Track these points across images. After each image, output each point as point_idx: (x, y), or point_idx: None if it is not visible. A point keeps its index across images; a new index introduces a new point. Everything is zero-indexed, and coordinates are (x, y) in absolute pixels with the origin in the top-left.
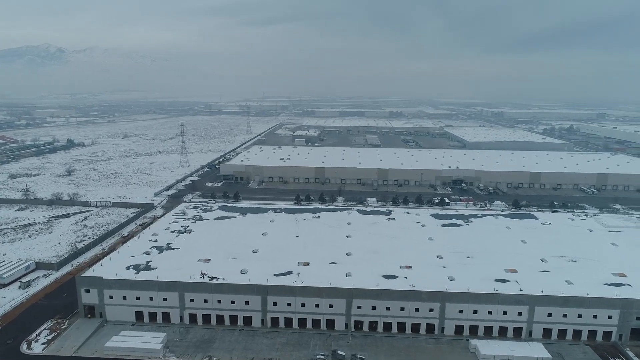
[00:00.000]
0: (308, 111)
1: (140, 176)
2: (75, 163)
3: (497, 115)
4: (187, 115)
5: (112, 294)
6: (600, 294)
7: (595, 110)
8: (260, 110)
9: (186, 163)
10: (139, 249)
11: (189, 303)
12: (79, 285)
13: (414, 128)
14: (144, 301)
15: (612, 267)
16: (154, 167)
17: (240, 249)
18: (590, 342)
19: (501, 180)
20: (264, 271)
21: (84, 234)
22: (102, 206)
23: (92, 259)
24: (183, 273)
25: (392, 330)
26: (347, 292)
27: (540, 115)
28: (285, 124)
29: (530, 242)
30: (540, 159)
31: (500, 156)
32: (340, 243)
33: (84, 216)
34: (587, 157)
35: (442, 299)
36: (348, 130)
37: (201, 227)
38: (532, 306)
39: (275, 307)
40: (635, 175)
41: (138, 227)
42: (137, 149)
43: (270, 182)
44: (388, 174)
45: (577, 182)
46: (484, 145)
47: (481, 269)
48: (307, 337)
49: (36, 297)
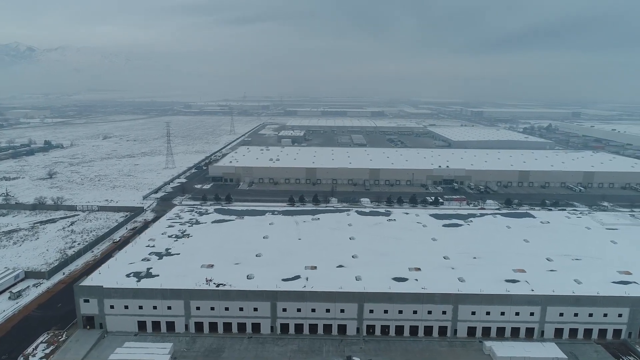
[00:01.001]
0: (290, 111)
1: (125, 179)
2: (55, 165)
3: (477, 115)
4: (167, 116)
5: (113, 303)
6: (610, 293)
7: (570, 109)
8: (242, 110)
9: (172, 164)
10: (137, 255)
11: (194, 311)
12: (77, 295)
13: (398, 127)
14: (147, 310)
15: (617, 265)
16: (139, 169)
17: (243, 254)
18: (601, 341)
19: (491, 179)
20: (271, 276)
21: (72, 240)
22: (89, 210)
23: (84, 266)
24: (187, 280)
25: (405, 334)
26: (359, 296)
27: (518, 115)
28: (268, 123)
29: (532, 242)
30: (527, 158)
31: (487, 155)
32: (344, 245)
33: (71, 221)
34: (570, 155)
35: (455, 301)
36: (333, 130)
37: (199, 231)
38: (545, 306)
39: (285, 313)
40: (620, 173)
41: (129, 232)
42: (119, 151)
43: (260, 183)
44: (379, 173)
45: (565, 180)
46: (469, 144)
47: (489, 270)
48: (318, 343)
49: (28, 309)
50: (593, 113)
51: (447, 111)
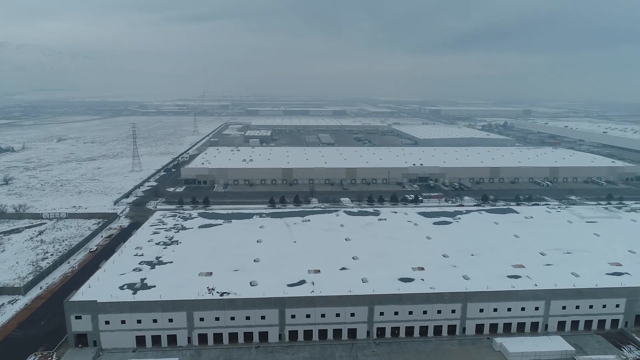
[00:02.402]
0: (251, 110)
1: (90, 183)
2: (9, 170)
3: (435, 113)
4: (122, 116)
5: (109, 318)
6: (607, 284)
7: (521, 107)
8: (202, 110)
9: (139, 167)
10: (126, 265)
11: (198, 322)
12: (68, 311)
13: (363, 126)
14: (146, 324)
15: (606, 257)
16: (104, 173)
17: (240, 259)
18: (600, 331)
19: (464, 176)
20: (275, 282)
21: (44, 251)
22: (56, 218)
23: (62, 279)
24: (187, 290)
25: (415, 335)
26: (369, 299)
27: (473, 113)
28: (231, 123)
29: (522, 237)
30: (494, 155)
31: (456, 152)
32: (342, 247)
33: (38, 230)
34: (533, 151)
35: (463, 299)
36: (298, 130)
37: (188, 237)
38: (549, 300)
39: (294, 320)
40: (582, 167)
41: (105, 240)
42: (78, 154)
43: (235, 185)
44: (356, 172)
45: (532, 176)
46: (435, 142)
47: (489, 267)
48: (329, 349)
49: (8, 329)
50: (542, 111)
51: (406, 110)
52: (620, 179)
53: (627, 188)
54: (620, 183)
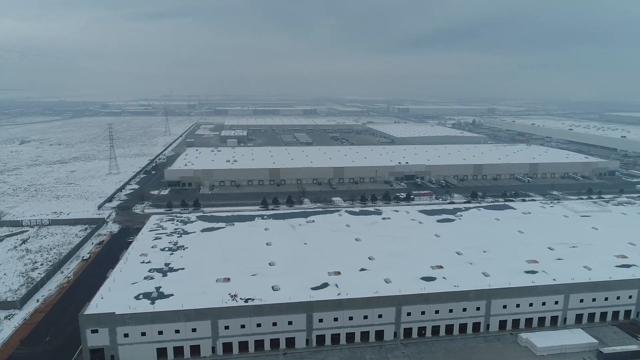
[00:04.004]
0: (220, 110)
1: (66, 187)
2: None
3: (404, 112)
4: (84, 117)
5: (128, 331)
6: (618, 276)
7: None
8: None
9: (116, 170)
10: (136, 273)
11: (223, 331)
12: (84, 325)
13: (337, 125)
14: (167, 335)
15: (610, 250)
16: (79, 176)
17: (254, 264)
18: (614, 322)
19: (448, 174)
20: (297, 286)
21: (32, 261)
22: (38, 225)
23: (59, 290)
24: (208, 297)
25: (441, 334)
26: (396, 300)
27: (440, 111)
28: (202, 123)
29: (527, 232)
30: (474, 152)
31: (437, 150)
32: (354, 248)
33: (21, 239)
34: (509, 148)
35: (488, 296)
36: (273, 129)
37: (192, 241)
38: (567, 294)
39: (322, 324)
40: (559, 163)
41: (97, 247)
42: (46, 157)
43: (221, 186)
44: (344, 172)
45: (513, 172)
46: (412, 140)
47: (504, 263)
48: (359, 352)
49: (10, 346)
50: (505, 109)
51: (374, 108)
52: (594, 174)
53: (601, 182)
54: (595, 178)
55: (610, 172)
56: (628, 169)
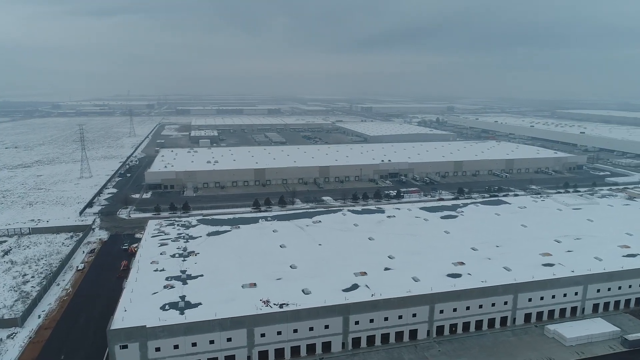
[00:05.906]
0: (182, 110)
1: (38, 193)
2: None
3: (367, 110)
4: (36, 118)
5: (160, 344)
6: (628, 266)
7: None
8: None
9: (88, 173)
10: (153, 282)
11: (259, 339)
12: (113, 341)
13: (307, 124)
14: (202, 346)
15: (612, 241)
16: (48, 181)
17: (275, 267)
18: (627, 310)
19: (430, 171)
20: (327, 288)
21: (20, 273)
22: (17, 234)
23: (60, 304)
24: (239, 305)
25: (470, 330)
26: (429, 298)
27: (402, 109)
28: (166, 123)
29: (530, 226)
30: (450, 149)
31: (414, 148)
32: (370, 247)
33: (1, 249)
34: (481, 145)
35: (515, 290)
36: (242, 129)
37: (202, 246)
38: (586, 285)
39: (358, 327)
40: (533, 159)
41: (89, 256)
42: (5, 161)
43: (205, 188)
44: (329, 171)
45: (491, 168)
46: (385, 138)
47: (520, 257)
48: (396, 353)
49: None
50: (462, 107)
51: (337, 107)
52: (565, 168)
53: (572, 176)
54: (565, 172)
55: (578, 166)
56: (593, 163)
